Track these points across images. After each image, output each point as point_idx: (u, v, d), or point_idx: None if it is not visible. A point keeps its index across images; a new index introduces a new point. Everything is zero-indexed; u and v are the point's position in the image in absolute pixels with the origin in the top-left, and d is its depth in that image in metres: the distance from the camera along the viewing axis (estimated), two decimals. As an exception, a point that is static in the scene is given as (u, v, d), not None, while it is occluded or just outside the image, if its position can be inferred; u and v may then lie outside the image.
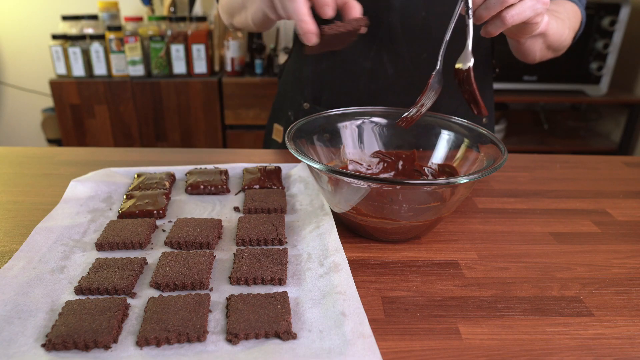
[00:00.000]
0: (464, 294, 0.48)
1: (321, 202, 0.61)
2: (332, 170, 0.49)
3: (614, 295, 0.48)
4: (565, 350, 0.41)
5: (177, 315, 0.41)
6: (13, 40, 2.39)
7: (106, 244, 0.52)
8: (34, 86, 2.46)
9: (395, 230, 0.55)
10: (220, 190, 0.65)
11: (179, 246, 0.52)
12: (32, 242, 0.51)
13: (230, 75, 2.14)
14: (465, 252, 0.55)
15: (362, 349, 0.37)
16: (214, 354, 0.38)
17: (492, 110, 0.93)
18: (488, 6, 0.54)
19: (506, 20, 0.55)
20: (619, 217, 0.64)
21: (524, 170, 0.78)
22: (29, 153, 0.80)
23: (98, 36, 2.05)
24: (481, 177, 0.49)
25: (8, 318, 0.40)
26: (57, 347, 0.38)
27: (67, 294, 0.45)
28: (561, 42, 0.75)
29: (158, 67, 2.09)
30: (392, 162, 0.67)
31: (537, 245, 0.57)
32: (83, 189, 0.62)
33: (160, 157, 0.79)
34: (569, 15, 0.76)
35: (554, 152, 2.32)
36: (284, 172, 0.71)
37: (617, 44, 2.14)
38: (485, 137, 0.59)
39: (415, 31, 0.76)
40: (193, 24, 2.09)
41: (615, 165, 0.81)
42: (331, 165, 0.60)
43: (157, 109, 2.14)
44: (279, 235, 0.54)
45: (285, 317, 0.41)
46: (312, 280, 0.47)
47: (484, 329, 0.43)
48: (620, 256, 0.55)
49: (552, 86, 2.25)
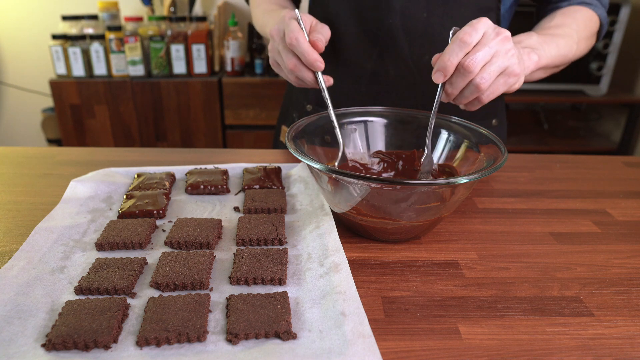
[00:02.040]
0: (464, 294, 0.48)
1: (321, 202, 0.61)
2: (332, 170, 0.49)
3: (614, 295, 0.48)
4: (565, 350, 0.41)
5: (177, 315, 0.41)
6: (13, 40, 2.39)
7: (106, 244, 0.52)
8: (34, 86, 2.46)
9: (395, 230, 0.55)
10: (220, 190, 0.65)
11: (179, 246, 0.52)
12: (32, 242, 0.51)
13: (230, 75, 2.14)
14: (465, 252, 0.55)
15: (362, 349, 0.37)
16: (214, 354, 0.38)
17: (503, 113, 0.92)
18: (464, 95, 0.57)
19: (483, 101, 0.58)
20: (619, 217, 0.64)
21: (524, 170, 0.78)
22: (29, 153, 0.80)
23: (98, 36, 2.05)
24: (481, 177, 0.49)
25: (8, 318, 0.40)
26: (57, 347, 0.38)
27: (67, 294, 0.45)
28: (566, 61, 0.75)
29: (158, 67, 2.09)
30: (392, 162, 0.67)
31: (537, 245, 0.57)
32: (83, 189, 0.62)
33: (160, 157, 0.79)
34: (578, 27, 0.75)
35: (554, 152, 2.32)
36: (284, 172, 0.71)
37: (617, 44, 2.14)
38: (485, 137, 0.60)
39: (416, 33, 0.76)
40: (193, 24, 2.09)
41: (615, 165, 0.81)
42: (331, 165, 0.60)
43: (157, 109, 2.14)
44: (279, 235, 0.54)
45: (285, 317, 0.41)
46: (312, 280, 0.47)
47: (484, 329, 0.43)
48: (620, 256, 0.55)
49: (552, 86, 2.25)
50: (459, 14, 0.76)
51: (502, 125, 0.92)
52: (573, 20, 0.75)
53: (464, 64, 0.54)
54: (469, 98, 0.58)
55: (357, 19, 0.78)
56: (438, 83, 0.56)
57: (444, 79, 0.56)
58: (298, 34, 0.60)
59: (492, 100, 0.59)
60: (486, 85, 0.55)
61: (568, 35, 0.73)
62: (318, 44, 0.61)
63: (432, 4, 0.75)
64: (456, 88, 0.56)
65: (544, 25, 0.76)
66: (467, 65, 0.54)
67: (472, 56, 0.54)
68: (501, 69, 0.56)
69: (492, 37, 0.55)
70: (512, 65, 0.57)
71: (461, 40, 0.54)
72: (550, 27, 0.74)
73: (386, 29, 0.77)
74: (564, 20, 0.75)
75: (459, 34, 0.55)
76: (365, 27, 0.78)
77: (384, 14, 0.76)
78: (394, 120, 0.68)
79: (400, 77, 0.80)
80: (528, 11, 1.18)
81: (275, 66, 0.68)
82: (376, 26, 0.77)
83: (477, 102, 0.59)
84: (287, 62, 0.63)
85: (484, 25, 0.55)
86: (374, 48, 0.79)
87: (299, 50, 0.61)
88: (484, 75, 0.55)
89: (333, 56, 0.80)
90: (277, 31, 0.65)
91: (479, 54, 0.54)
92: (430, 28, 0.76)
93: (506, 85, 0.58)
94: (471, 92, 0.57)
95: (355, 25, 0.78)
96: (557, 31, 0.73)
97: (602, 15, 0.79)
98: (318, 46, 0.62)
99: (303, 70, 0.62)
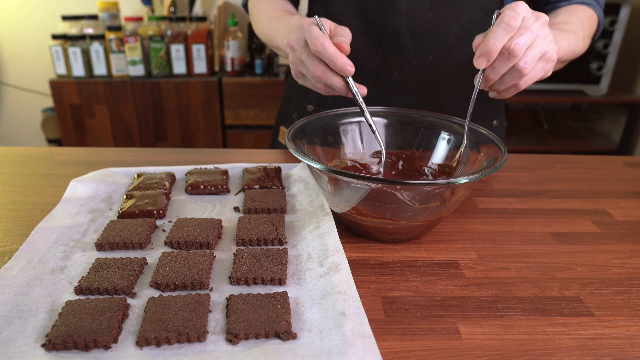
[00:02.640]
0: (464, 294, 0.48)
1: (321, 202, 0.61)
2: (332, 170, 0.49)
3: (614, 295, 0.48)
4: (565, 350, 0.41)
5: (177, 315, 0.41)
6: (13, 40, 2.39)
7: (106, 244, 0.52)
8: (34, 86, 2.47)
9: (395, 230, 0.55)
10: (220, 190, 0.65)
11: (179, 246, 0.52)
12: (32, 242, 0.51)
13: (230, 75, 2.14)
14: (465, 252, 0.55)
15: (362, 349, 0.37)
16: (214, 354, 0.38)
17: (503, 113, 0.92)
18: (504, 81, 0.56)
19: (520, 87, 0.57)
20: (619, 217, 0.64)
21: (524, 170, 0.78)
22: (29, 153, 0.80)
23: (98, 36, 2.05)
24: (481, 177, 0.49)
25: (8, 318, 0.40)
26: (57, 347, 0.38)
27: (67, 294, 0.45)
28: (574, 57, 0.75)
29: (158, 67, 2.09)
30: (392, 162, 0.67)
31: (537, 245, 0.57)
32: (83, 189, 0.62)
33: (160, 157, 0.79)
34: (582, 24, 0.75)
35: (554, 152, 2.32)
36: (284, 172, 0.71)
37: (617, 44, 2.14)
38: (485, 137, 0.59)
39: (421, 33, 0.76)
40: (193, 24, 2.09)
41: (615, 165, 0.81)
42: (331, 165, 0.60)
43: (157, 109, 2.14)
44: (279, 235, 0.54)
45: (285, 317, 0.41)
46: (312, 280, 0.47)
47: (484, 329, 0.43)
48: (620, 256, 0.55)
49: (552, 86, 2.25)
50: (463, 14, 0.76)
51: (502, 125, 0.92)
52: (577, 18, 0.75)
53: (509, 48, 0.53)
54: (508, 84, 0.56)
55: (361, 19, 0.78)
56: (480, 68, 0.55)
57: (487, 64, 0.54)
58: (323, 39, 0.56)
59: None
60: (529, 70, 0.54)
61: (575, 31, 0.72)
62: (344, 46, 0.57)
63: (437, 4, 0.75)
64: (498, 73, 0.55)
65: (550, 22, 0.76)
66: (512, 49, 0.53)
67: (516, 39, 0.53)
68: (541, 54, 0.55)
69: (533, 21, 0.54)
70: (551, 50, 0.56)
71: (506, 24, 0.52)
72: (557, 23, 0.74)
73: (391, 30, 0.76)
74: (569, 18, 0.75)
75: (504, 17, 0.53)
76: (370, 27, 0.78)
77: (389, 14, 0.76)
78: (394, 120, 0.68)
79: (404, 77, 0.80)
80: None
81: (300, 77, 0.64)
82: (381, 27, 0.77)
83: (514, 88, 0.57)
84: (314, 70, 0.58)
85: (524, 9, 0.54)
86: (378, 49, 0.79)
87: (326, 56, 0.56)
88: (527, 60, 0.54)
89: None
90: (296, 40, 0.60)
91: (522, 38, 0.53)
92: (435, 29, 0.76)
93: (543, 70, 0.57)
94: (512, 78, 0.55)
95: (359, 26, 0.78)
96: (565, 27, 0.72)
97: (600, 15, 0.80)
98: (344, 49, 0.57)
99: (332, 76, 0.58)
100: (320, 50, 0.56)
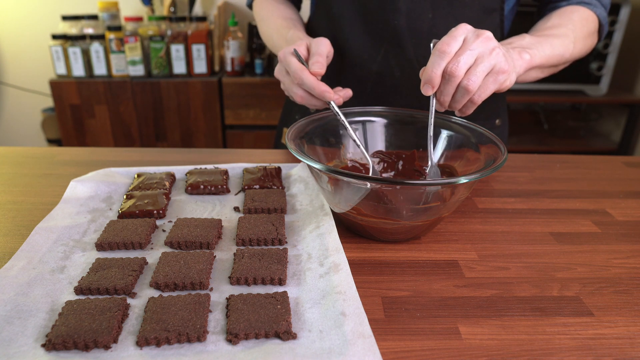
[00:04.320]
0: (464, 294, 0.48)
1: (321, 202, 0.61)
2: (332, 170, 0.49)
3: (614, 295, 0.48)
4: (565, 350, 0.41)
5: (177, 315, 0.41)
6: (13, 40, 2.39)
7: (106, 244, 0.52)
8: (34, 86, 2.46)
9: (395, 230, 0.55)
10: (220, 190, 0.65)
11: (179, 246, 0.52)
12: (32, 242, 0.51)
13: (230, 75, 2.14)
14: (465, 252, 0.55)
15: (362, 349, 0.37)
16: (214, 354, 0.38)
17: (505, 113, 0.92)
18: (457, 100, 0.58)
19: (476, 102, 0.59)
20: (619, 217, 0.64)
21: (524, 170, 0.78)
22: (29, 153, 0.80)
23: (98, 36, 2.05)
24: (481, 177, 0.49)
25: (8, 318, 0.40)
26: (57, 347, 0.38)
27: (67, 294, 0.45)
28: (564, 61, 0.75)
29: (158, 67, 2.09)
30: (392, 162, 0.67)
31: (537, 245, 0.57)
32: (83, 189, 0.62)
33: (160, 157, 0.79)
34: (574, 26, 0.75)
35: (554, 152, 2.32)
36: (284, 172, 0.71)
37: (617, 44, 2.14)
38: (485, 137, 0.60)
39: (422, 33, 0.76)
40: (193, 24, 2.09)
41: (615, 165, 0.81)
42: (331, 166, 0.60)
43: (157, 109, 2.14)
44: (279, 235, 0.54)
45: (285, 317, 0.41)
46: (312, 280, 0.47)
47: (484, 329, 0.43)
48: (620, 256, 0.55)
49: (552, 86, 2.25)
50: (463, 14, 0.76)
51: (505, 125, 0.92)
52: (569, 20, 0.75)
53: (448, 71, 0.55)
54: (461, 102, 0.58)
55: (362, 20, 0.78)
56: (427, 95, 0.58)
57: (432, 91, 0.57)
58: (301, 72, 0.63)
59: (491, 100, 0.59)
60: (474, 86, 0.56)
61: (564, 35, 0.73)
62: (319, 72, 0.63)
63: (437, 4, 0.75)
64: (447, 94, 0.58)
65: (539, 27, 0.76)
66: (451, 71, 0.55)
67: (454, 61, 0.55)
68: (488, 69, 0.57)
69: (473, 40, 0.56)
70: (499, 63, 0.58)
71: (440, 51, 0.56)
72: (545, 28, 0.75)
73: (391, 30, 0.77)
74: (560, 21, 0.75)
75: (438, 45, 0.56)
76: (370, 28, 0.78)
77: (389, 15, 0.76)
78: (394, 120, 0.68)
79: (405, 78, 0.80)
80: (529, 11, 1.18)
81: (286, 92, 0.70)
82: (381, 27, 0.77)
83: (470, 104, 0.59)
84: (296, 98, 0.66)
85: (463, 31, 0.57)
86: (379, 49, 0.79)
87: (307, 87, 0.63)
88: (470, 77, 0.56)
89: (338, 57, 0.80)
90: (279, 71, 0.68)
91: (462, 58, 0.55)
92: (435, 29, 0.76)
93: (496, 83, 0.59)
94: (462, 95, 0.57)
95: (360, 27, 0.78)
96: (552, 32, 0.73)
97: (601, 15, 0.79)
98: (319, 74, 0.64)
99: (313, 100, 0.65)
100: (299, 82, 0.63)
